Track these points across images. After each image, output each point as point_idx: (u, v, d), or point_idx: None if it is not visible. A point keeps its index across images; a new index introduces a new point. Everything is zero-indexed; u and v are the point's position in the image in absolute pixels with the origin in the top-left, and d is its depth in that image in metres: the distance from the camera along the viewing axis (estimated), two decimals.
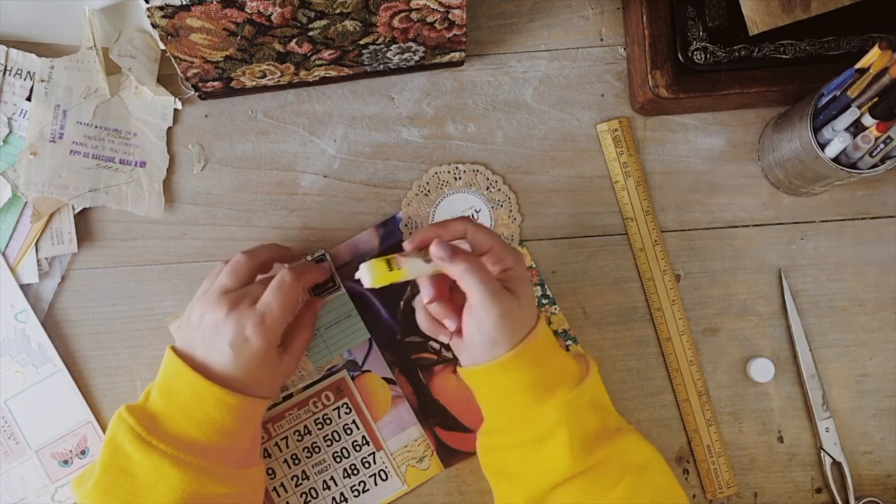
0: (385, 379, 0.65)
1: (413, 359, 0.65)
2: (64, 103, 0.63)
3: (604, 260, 0.66)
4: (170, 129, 0.66)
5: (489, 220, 0.65)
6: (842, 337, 0.65)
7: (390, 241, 0.65)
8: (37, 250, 0.64)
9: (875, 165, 0.56)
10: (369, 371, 0.65)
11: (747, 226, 0.66)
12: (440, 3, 0.56)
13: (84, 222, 0.65)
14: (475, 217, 0.65)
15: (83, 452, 0.65)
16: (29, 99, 0.64)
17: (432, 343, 0.65)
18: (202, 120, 0.66)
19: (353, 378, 0.65)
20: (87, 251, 0.65)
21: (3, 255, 0.64)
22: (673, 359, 0.65)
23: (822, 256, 0.66)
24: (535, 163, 0.66)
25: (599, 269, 0.66)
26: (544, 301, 0.65)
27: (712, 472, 0.64)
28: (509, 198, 0.65)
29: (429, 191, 0.65)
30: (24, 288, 0.64)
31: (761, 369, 0.64)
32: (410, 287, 0.65)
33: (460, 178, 0.65)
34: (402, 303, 0.65)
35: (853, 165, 0.56)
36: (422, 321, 0.57)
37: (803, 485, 0.65)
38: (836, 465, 0.64)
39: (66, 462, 0.64)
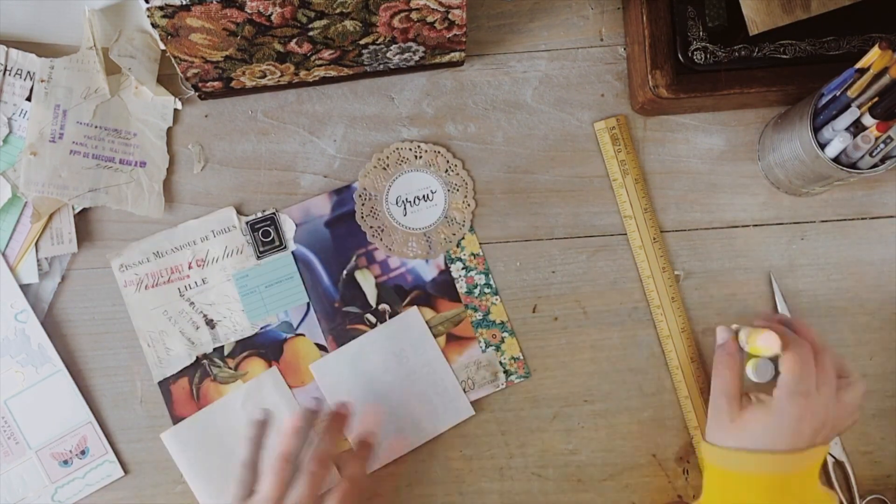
0: (317, 345, 0.65)
1: (348, 328, 0.65)
2: (64, 103, 0.63)
3: (604, 260, 0.66)
4: (170, 129, 0.66)
5: (444, 202, 0.65)
6: (842, 337, 0.65)
7: (342, 209, 0.65)
8: (37, 250, 0.64)
9: (875, 165, 0.56)
10: (303, 335, 0.65)
11: (747, 226, 0.66)
12: (440, 3, 0.56)
13: (84, 222, 0.65)
14: (430, 197, 0.65)
15: (83, 452, 0.65)
16: (29, 99, 0.64)
17: (369, 315, 0.65)
18: (202, 120, 0.66)
19: (285, 339, 0.65)
20: (87, 251, 0.65)
21: (3, 255, 0.64)
22: (673, 356, 0.65)
23: (822, 256, 0.66)
24: (535, 163, 0.66)
25: (599, 269, 0.66)
26: (486, 290, 0.65)
27: None
28: (466, 183, 0.65)
29: (388, 165, 0.65)
30: (24, 288, 0.64)
31: (761, 369, 0.64)
32: (356, 257, 0.65)
33: (421, 157, 0.65)
34: (344, 272, 0.65)
35: (853, 165, 0.56)
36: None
37: None
38: (839, 464, 0.64)
39: (66, 462, 0.64)
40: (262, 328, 0.65)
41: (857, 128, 0.55)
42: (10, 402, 0.64)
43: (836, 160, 0.56)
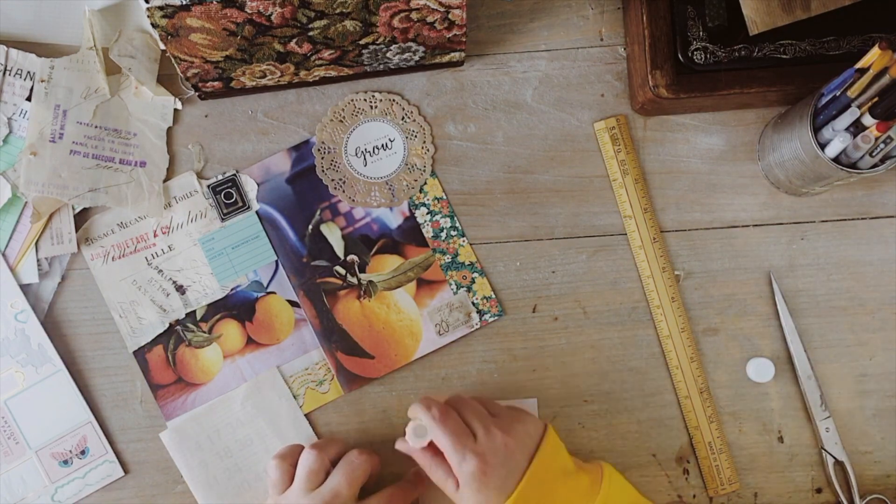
0: (289, 301, 0.65)
1: (318, 282, 0.65)
2: (64, 103, 0.63)
3: (604, 260, 0.66)
4: (170, 129, 0.66)
5: (402, 149, 0.65)
6: (842, 337, 0.65)
7: (302, 164, 0.66)
8: (37, 250, 0.64)
9: (875, 165, 0.56)
10: (274, 293, 0.65)
11: (747, 226, 0.66)
12: (440, 3, 0.56)
13: (84, 222, 0.65)
14: (389, 146, 0.65)
15: (83, 452, 0.65)
16: (29, 99, 0.64)
17: (338, 268, 0.65)
18: (202, 120, 0.66)
19: (256, 299, 0.65)
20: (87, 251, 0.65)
21: (3, 255, 0.64)
22: (673, 356, 0.65)
23: (822, 256, 0.66)
24: (535, 163, 0.66)
25: (599, 269, 0.66)
26: (453, 233, 0.65)
27: (714, 468, 0.64)
28: (423, 129, 0.65)
29: (344, 117, 0.65)
30: (24, 288, 0.64)
31: (761, 369, 0.64)
32: (320, 211, 0.65)
33: (376, 107, 0.65)
34: (310, 226, 0.65)
35: (853, 165, 0.56)
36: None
37: (803, 485, 0.65)
38: (839, 464, 0.64)
39: (65, 462, 0.64)
40: (232, 290, 0.65)
41: (857, 128, 0.55)
42: (10, 402, 0.64)
43: (836, 160, 0.56)
